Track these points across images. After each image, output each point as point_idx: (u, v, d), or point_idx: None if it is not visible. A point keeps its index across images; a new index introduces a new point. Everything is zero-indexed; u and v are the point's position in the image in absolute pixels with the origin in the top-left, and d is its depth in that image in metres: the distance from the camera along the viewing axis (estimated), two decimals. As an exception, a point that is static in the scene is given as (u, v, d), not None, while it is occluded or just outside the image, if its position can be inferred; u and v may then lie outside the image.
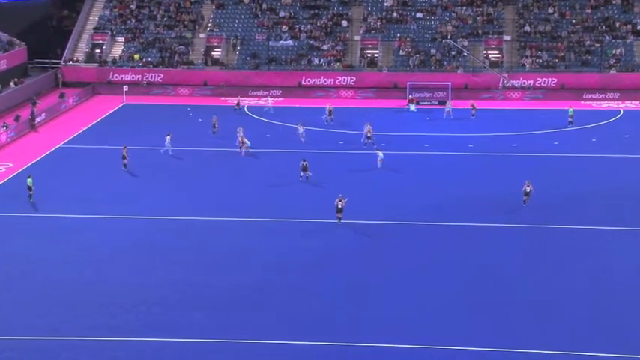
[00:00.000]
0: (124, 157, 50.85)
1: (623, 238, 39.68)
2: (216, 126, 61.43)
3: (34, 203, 44.77)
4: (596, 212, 43.40)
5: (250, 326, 30.76)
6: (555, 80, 76.28)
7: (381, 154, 52.56)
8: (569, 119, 63.98)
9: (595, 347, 28.94)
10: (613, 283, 34.58)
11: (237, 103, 70.01)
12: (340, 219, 41.93)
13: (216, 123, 61.68)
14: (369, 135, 57.01)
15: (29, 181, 45.31)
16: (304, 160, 48.96)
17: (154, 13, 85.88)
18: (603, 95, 74.36)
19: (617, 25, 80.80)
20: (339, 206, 41.90)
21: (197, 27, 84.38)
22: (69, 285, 34.53)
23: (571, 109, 64.66)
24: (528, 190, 44.86)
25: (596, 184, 48.37)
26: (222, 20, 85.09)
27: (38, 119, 64.28)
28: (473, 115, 66.05)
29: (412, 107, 70.89)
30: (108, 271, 36.11)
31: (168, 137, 54.73)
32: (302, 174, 48.54)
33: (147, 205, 44.68)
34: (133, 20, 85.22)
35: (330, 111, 65.18)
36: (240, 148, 55.21)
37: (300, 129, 58.55)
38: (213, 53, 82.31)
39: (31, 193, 45.04)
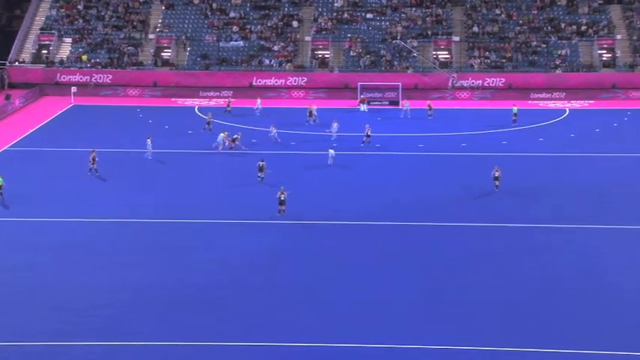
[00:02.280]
0: (92, 161, 49.66)
1: (569, 235, 40.15)
2: (210, 123, 60.87)
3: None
4: (544, 210, 43.88)
5: (200, 328, 30.48)
6: (503, 80, 77.08)
7: (332, 152, 52.78)
8: (514, 117, 64.63)
9: (546, 344, 29.24)
10: (561, 278, 34.95)
11: (228, 104, 69.17)
12: (283, 211, 42.17)
13: (210, 121, 61.21)
14: (368, 134, 57.44)
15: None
16: (262, 161, 48.84)
17: (102, 13, 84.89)
18: (550, 95, 75.35)
19: (563, 25, 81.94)
20: (282, 198, 42.20)
21: (146, 27, 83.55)
22: (15, 289, 33.84)
23: (515, 108, 65.33)
24: (497, 175, 46.32)
25: (544, 183, 48.91)
26: (171, 21, 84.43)
27: (-16, 121, 63.16)
28: (430, 116, 66.25)
29: (363, 107, 71.07)
30: (54, 274, 35.47)
31: (148, 140, 53.89)
32: (260, 174, 48.43)
33: (94, 208, 44.04)
34: (81, 21, 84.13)
35: (310, 112, 64.73)
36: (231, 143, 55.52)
37: (273, 130, 57.99)
38: (163, 54, 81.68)
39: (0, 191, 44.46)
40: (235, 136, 56.13)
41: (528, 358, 28.29)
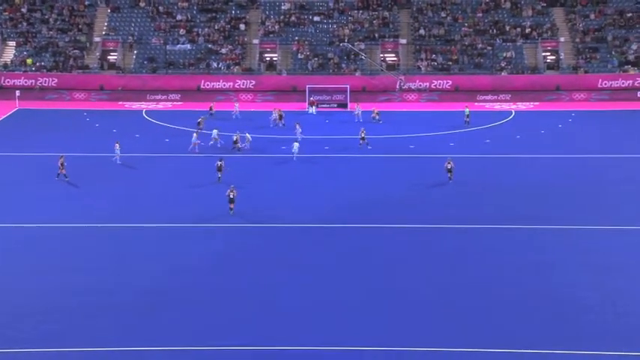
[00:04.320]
0: (61, 166, 48.88)
1: (515, 236, 40.74)
2: (201, 124, 60.75)
3: None
4: (490, 211, 44.46)
5: (151, 332, 30.30)
6: (450, 82, 77.82)
7: (297, 145, 54.39)
8: (466, 119, 65.33)
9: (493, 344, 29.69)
10: (507, 278, 35.48)
11: (211, 108, 68.63)
12: (232, 209, 42.36)
13: (202, 123, 61.13)
14: (363, 136, 57.83)
15: None
16: (220, 160, 48.79)
17: (47, 16, 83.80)
18: (496, 97, 76.29)
19: (507, 28, 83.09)
20: (231, 196, 42.39)
21: (92, 30, 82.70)
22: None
23: (467, 110, 66.09)
24: (449, 167, 48.29)
25: (492, 184, 49.55)
26: (117, 24, 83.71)
27: None
28: (379, 121, 66.19)
29: (312, 110, 71.28)
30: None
31: (117, 145, 53.35)
32: (218, 174, 48.37)
33: (44, 212, 43.50)
34: (25, 24, 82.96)
35: (280, 116, 64.58)
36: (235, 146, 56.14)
37: (242, 135, 57.45)
38: (109, 57, 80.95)
39: None
40: (235, 138, 56.66)
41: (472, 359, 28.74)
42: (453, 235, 40.71)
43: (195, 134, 57.04)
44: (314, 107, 71.54)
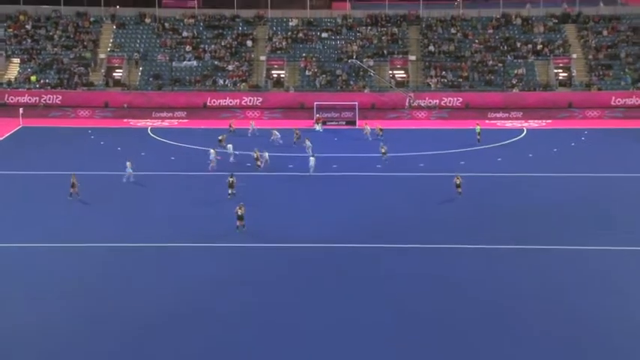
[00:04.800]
0: (73, 185, 48.66)
1: (527, 257, 40.17)
2: (222, 142, 60.83)
3: None
4: (502, 231, 43.88)
5: (140, 356, 29.82)
6: (460, 100, 77.57)
7: (313, 160, 54.64)
8: (477, 137, 65.09)
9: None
10: (521, 300, 34.93)
11: (230, 125, 68.56)
12: (241, 227, 42.02)
13: (224, 140, 61.16)
14: (384, 151, 58.63)
15: None
16: (231, 177, 48.52)
17: (51, 33, 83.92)
18: (507, 114, 76.02)
19: (519, 45, 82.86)
20: (239, 213, 41.95)
21: (97, 47, 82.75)
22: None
23: (478, 127, 65.86)
24: (458, 182, 48.75)
25: (502, 204, 49.03)
26: (123, 40, 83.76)
27: None
28: (380, 136, 66.30)
29: (318, 127, 70.97)
30: None
31: (128, 163, 53.02)
32: (230, 191, 48.02)
33: (45, 232, 43.10)
34: (29, 40, 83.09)
35: (297, 135, 64.44)
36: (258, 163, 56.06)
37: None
38: (114, 74, 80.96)
39: None
40: (255, 155, 56.60)
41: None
42: (464, 257, 40.13)
43: (212, 151, 56.68)
44: (320, 124, 71.27)
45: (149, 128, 71.17)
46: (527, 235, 43.08)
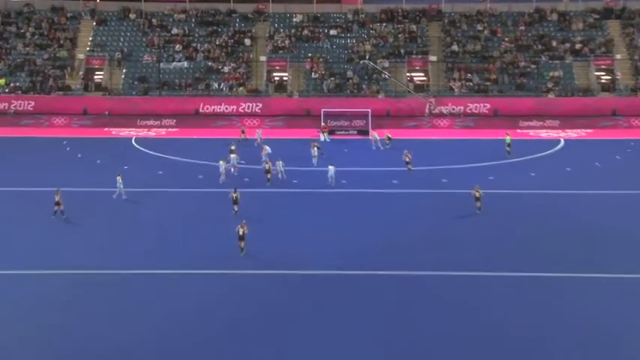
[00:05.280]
0: (57, 204, 48.88)
1: (566, 285, 40.04)
2: (235, 151, 61.08)
3: None
4: (536, 256, 43.68)
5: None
6: (488, 106, 77.62)
7: (332, 168, 55.64)
8: (507, 148, 65.04)
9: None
10: (553, 334, 34.85)
11: (242, 132, 69.11)
12: (242, 249, 41.99)
13: (236, 150, 61.48)
14: (408, 160, 59.56)
15: None
16: (235, 192, 48.58)
17: (23, 30, 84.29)
18: (541, 123, 76.00)
19: (554, 43, 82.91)
20: (241, 233, 41.92)
21: (74, 46, 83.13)
22: None
23: (508, 137, 65.75)
24: (478, 195, 49.37)
25: (536, 225, 48.85)
26: (104, 38, 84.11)
27: None
28: (387, 145, 66.51)
29: (324, 137, 70.90)
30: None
31: (118, 177, 53.11)
32: (234, 207, 48.28)
33: (20, 257, 43.20)
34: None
35: (317, 147, 64.29)
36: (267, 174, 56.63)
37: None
38: (94, 77, 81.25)
39: None
40: (267, 167, 57.15)
41: None
42: (494, 285, 39.97)
43: (222, 162, 57.16)
44: (326, 134, 71.27)
45: (133, 138, 71.27)
46: (564, 260, 42.94)
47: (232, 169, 58.10)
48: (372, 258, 43.40)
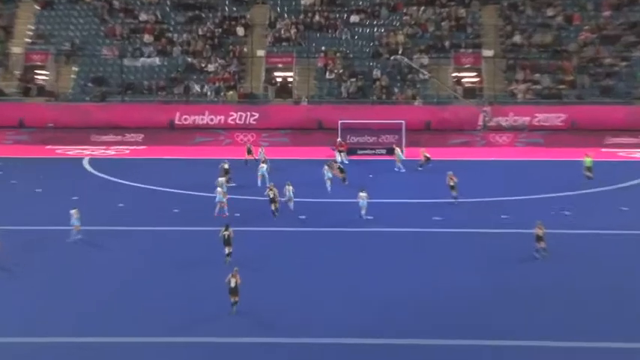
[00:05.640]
0: None
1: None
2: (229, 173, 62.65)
3: None
4: (629, 325, 43.02)
5: None
6: (562, 117, 77.75)
7: (364, 195, 56.91)
8: (588, 173, 65.10)
9: None
10: None
11: (249, 150, 70.06)
12: (234, 305, 42.19)
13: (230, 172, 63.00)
14: (452, 184, 60.80)
15: None
16: (226, 229, 48.72)
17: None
18: (634, 140, 75.80)
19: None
20: (232, 285, 42.19)
21: (9, 37, 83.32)
22: None
23: (588, 159, 65.47)
24: (541, 234, 49.51)
25: (629, 278, 48.24)
26: (49, 27, 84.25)
27: None
28: (420, 168, 66.69)
29: (341, 157, 70.52)
30: None
31: (74, 212, 53.45)
32: (227, 250, 48.57)
33: None
34: None
35: (340, 169, 65.37)
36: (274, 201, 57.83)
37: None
38: (35, 77, 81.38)
39: None
40: (272, 194, 57.91)
41: None
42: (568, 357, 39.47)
43: (219, 189, 57.99)
44: (344, 154, 71.00)
45: (86, 159, 71.12)
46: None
47: (217, 208, 57.45)
48: (402, 322, 42.92)
